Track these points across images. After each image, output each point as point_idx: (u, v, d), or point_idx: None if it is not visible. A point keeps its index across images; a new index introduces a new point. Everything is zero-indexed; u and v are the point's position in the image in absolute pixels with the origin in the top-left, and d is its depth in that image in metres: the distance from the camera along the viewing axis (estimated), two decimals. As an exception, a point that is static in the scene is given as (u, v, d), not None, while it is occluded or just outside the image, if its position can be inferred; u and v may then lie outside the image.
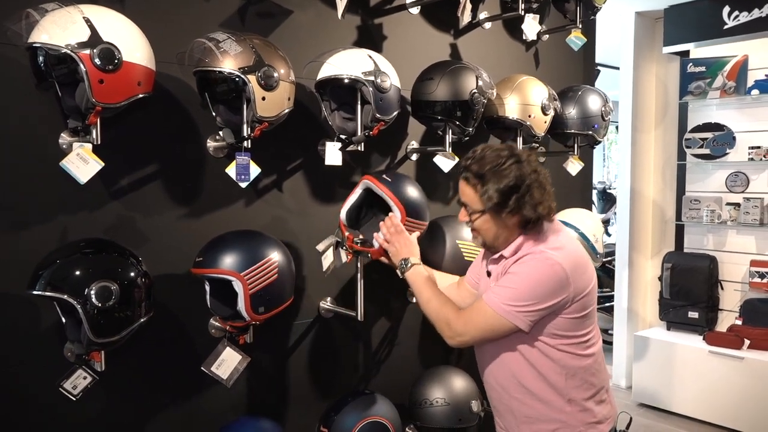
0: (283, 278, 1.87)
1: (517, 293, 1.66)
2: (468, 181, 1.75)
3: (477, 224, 1.77)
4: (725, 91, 4.42)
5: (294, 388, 2.26)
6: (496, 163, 1.70)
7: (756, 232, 4.42)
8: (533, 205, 1.69)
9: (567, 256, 1.69)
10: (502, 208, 1.70)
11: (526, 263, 1.69)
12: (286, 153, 2.21)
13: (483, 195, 1.70)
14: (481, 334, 1.73)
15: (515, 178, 1.68)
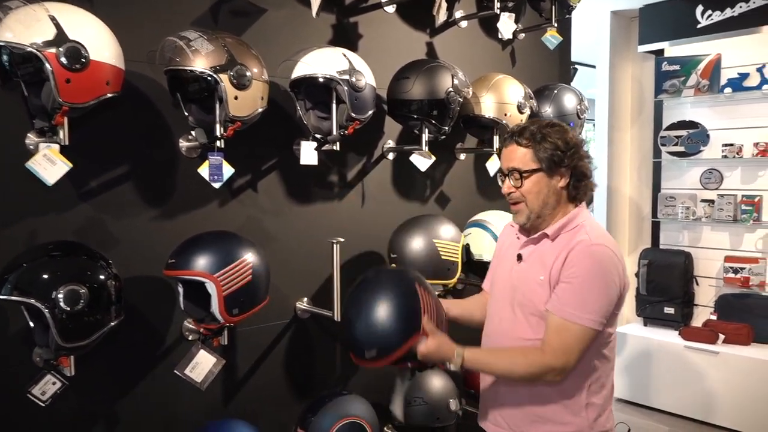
0: (258, 279, 1.85)
1: (593, 298, 1.62)
2: (519, 143, 1.72)
3: (528, 187, 1.71)
4: (699, 90, 4.47)
5: (270, 390, 2.24)
6: (545, 124, 1.73)
7: (730, 228, 4.48)
8: (586, 158, 1.73)
9: (611, 241, 1.70)
10: (560, 162, 1.69)
11: (581, 261, 1.63)
12: (260, 153, 2.19)
13: (539, 151, 1.68)
14: (579, 354, 1.63)
15: (565, 136, 1.71)
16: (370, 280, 1.83)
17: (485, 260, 2.52)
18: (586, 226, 1.71)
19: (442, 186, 2.80)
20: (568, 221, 1.72)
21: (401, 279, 1.82)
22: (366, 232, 2.50)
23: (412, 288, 1.76)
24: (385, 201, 2.57)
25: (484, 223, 2.59)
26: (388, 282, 1.80)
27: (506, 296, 1.79)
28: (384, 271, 1.93)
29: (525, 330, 1.72)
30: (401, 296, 1.74)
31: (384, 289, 1.77)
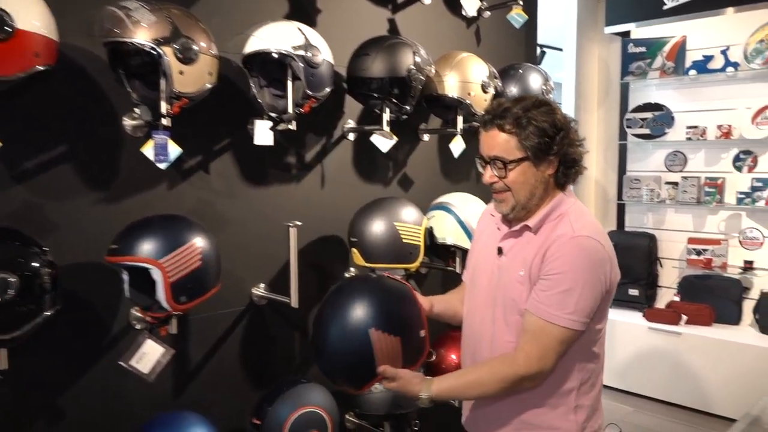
0: (207, 265, 1.76)
1: (576, 296, 1.49)
2: (502, 127, 1.54)
3: (513, 177, 1.56)
4: (664, 72, 4.47)
5: (226, 380, 2.16)
6: (530, 105, 1.55)
7: (693, 210, 4.51)
8: (577, 144, 1.59)
9: (597, 230, 1.57)
10: (548, 150, 1.54)
11: (562, 256, 1.51)
12: (213, 132, 2.09)
13: (525, 137, 1.52)
14: (557, 356, 1.53)
15: (553, 117, 1.55)
16: (323, 322, 1.70)
17: (449, 244, 2.47)
18: (570, 214, 1.59)
19: (405, 168, 2.72)
20: (551, 210, 1.60)
21: (354, 327, 1.64)
22: (326, 216, 2.42)
23: (364, 339, 1.62)
24: (346, 183, 2.49)
25: (448, 205, 2.52)
26: (339, 332, 1.66)
27: (487, 294, 1.69)
28: (339, 315, 1.68)
29: (505, 332, 1.63)
30: (352, 354, 1.63)
31: (335, 340, 1.66)
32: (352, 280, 1.78)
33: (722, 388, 4.04)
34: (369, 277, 1.82)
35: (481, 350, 1.69)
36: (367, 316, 1.64)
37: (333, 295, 1.74)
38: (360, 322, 1.63)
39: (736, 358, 3.97)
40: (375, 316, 1.64)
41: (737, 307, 4.26)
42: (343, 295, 1.71)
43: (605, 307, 1.60)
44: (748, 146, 4.23)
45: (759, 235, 4.23)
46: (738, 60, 4.18)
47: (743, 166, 4.25)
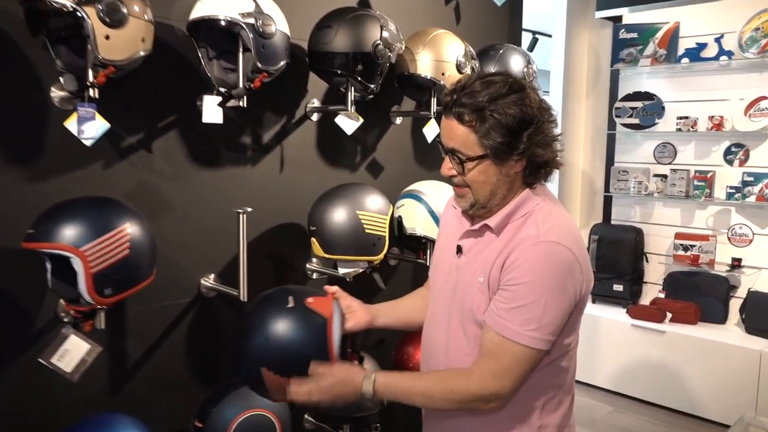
0: (138, 254, 1.58)
1: (540, 311, 1.30)
2: (461, 118, 1.33)
3: (472, 176, 1.37)
4: (656, 59, 4.30)
5: (169, 379, 1.99)
6: (497, 93, 1.31)
7: (681, 204, 4.36)
8: (546, 144, 1.36)
9: (567, 232, 1.37)
10: (511, 150, 1.33)
11: (525, 264, 1.31)
12: (157, 107, 1.90)
13: (485, 134, 1.31)
14: (519, 379, 1.35)
15: (523, 109, 1.32)
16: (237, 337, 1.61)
17: (419, 234, 2.30)
18: (537, 213, 1.38)
19: (375, 153, 2.55)
20: (515, 208, 1.40)
21: (247, 360, 1.53)
22: (284, 202, 2.24)
23: (256, 373, 1.50)
24: (308, 167, 2.31)
25: (419, 194, 2.35)
26: (238, 357, 1.57)
27: (444, 297, 1.50)
28: (241, 340, 1.56)
29: (462, 342, 1.44)
30: (247, 383, 1.58)
31: (236, 361, 1.58)
32: (266, 304, 1.58)
33: (706, 389, 3.91)
34: (281, 307, 1.56)
35: (436, 360, 1.51)
36: (261, 353, 1.51)
37: (249, 314, 1.60)
38: (253, 358, 1.52)
39: (721, 359, 3.84)
40: (268, 356, 1.50)
41: (723, 306, 4.13)
42: (252, 319, 1.57)
43: (576, 319, 1.41)
44: (739, 139, 4.07)
45: (749, 231, 4.09)
46: (732, 49, 4.02)
47: (734, 160, 4.10)
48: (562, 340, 1.39)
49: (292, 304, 1.55)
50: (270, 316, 1.54)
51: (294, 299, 1.56)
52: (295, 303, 1.55)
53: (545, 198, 1.43)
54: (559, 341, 1.38)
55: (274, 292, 1.65)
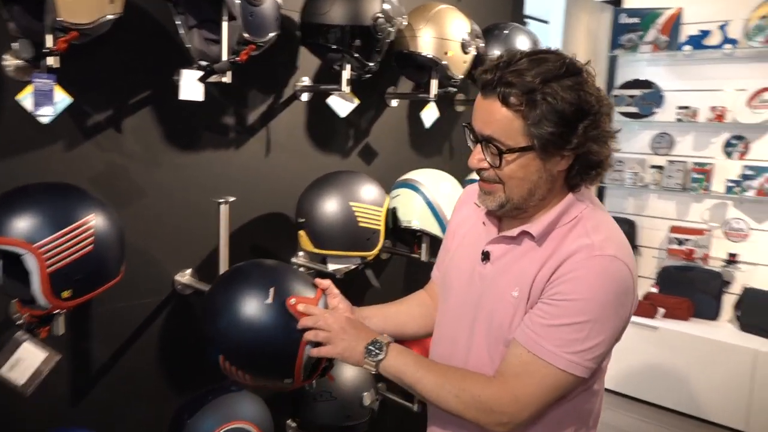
0: (104, 249, 1.37)
1: (586, 333, 1.12)
2: (506, 100, 1.12)
3: (510, 171, 1.16)
4: (657, 46, 4.14)
5: (139, 386, 1.79)
6: (551, 74, 1.11)
7: (677, 197, 4.23)
8: (602, 140, 1.16)
9: (623, 245, 1.19)
10: (564, 143, 1.13)
11: (581, 279, 1.12)
12: (128, 81, 1.68)
13: (534, 122, 1.11)
14: (543, 406, 1.17)
15: (581, 95, 1.12)
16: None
17: (414, 228, 2.12)
18: (585, 221, 1.19)
19: (368, 137, 2.35)
20: (561, 213, 1.20)
21: (209, 340, 1.38)
22: (269, 190, 2.04)
23: (215, 358, 1.36)
24: (296, 152, 2.11)
25: (416, 184, 2.16)
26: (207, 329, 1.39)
27: (464, 310, 1.31)
28: (208, 311, 1.40)
29: (484, 363, 1.25)
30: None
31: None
32: (243, 289, 1.35)
33: (699, 388, 3.81)
34: (257, 300, 1.34)
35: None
36: (221, 340, 1.34)
37: (221, 291, 1.40)
38: (213, 341, 1.36)
39: (714, 357, 3.74)
40: (227, 345, 1.34)
41: (716, 302, 4.03)
42: (222, 300, 1.37)
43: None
44: (740, 131, 3.94)
45: (745, 226, 3.98)
46: (737, 37, 3.87)
47: (734, 152, 3.98)
48: (602, 361, 1.22)
49: (272, 299, 1.34)
50: (242, 305, 1.33)
51: (275, 292, 1.35)
52: (275, 298, 1.34)
53: (591, 202, 1.24)
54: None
55: (254, 272, 1.41)
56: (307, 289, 1.38)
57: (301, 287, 1.37)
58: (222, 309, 1.34)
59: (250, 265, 1.45)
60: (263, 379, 1.38)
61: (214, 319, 1.35)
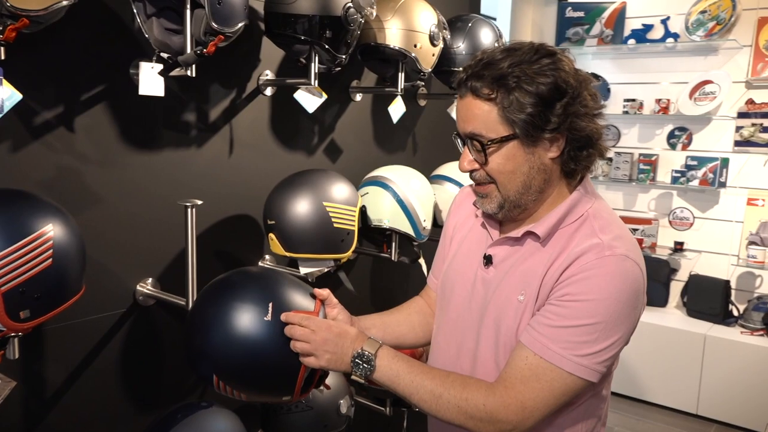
0: (65, 263, 1.23)
1: (597, 335, 1.07)
2: (478, 92, 1.10)
3: (497, 164, 1.13)
4: (602, 40, 4.21)
5: (99, 406, 1.64)
6: (522, 59, 1.09)
7: (625, 187, 4.33)
8: (589, 116, 1.11)
9: (633, 244, 1.14)
10: (544, 123, 1.08)
11: (592, 278, 1.08)
12: (82, 75, 1.52)
13: (510, 107, 1.08)
14: (549, 412, 1.12)
15: (556, 74, 1.08)
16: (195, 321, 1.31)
17: (385, 227, 2.04)
18: (593, 219, 1.14)
19: (333, 133, 2.25)
20: (566, 212, 1.15)
21: (196, 357, 1.27)
22: (235, 191, 1.92)
23: (207, 376, 1.26)
24: (261, 150, 1.99)
25: (385, 181, 2.09)
26: (189, 349, 1.30)
27: (467, 318, 1.25)
28: (194, 327, 1.29)
29: (493, 372, 1.19)
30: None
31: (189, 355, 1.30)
32: (239, 303, 1.24)
33: (650, 373, 3.91)
34: (256, 316, 1.23)
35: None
36: (212, 355, 1.23)
37: (214, 304, 1.28)
38: (203, 357, 1.25)
39: (664, 343, 3.85)
40: (220, 362, 1.23)
41: (665, 289, 4.15)
42: (216, 314, 1.25)
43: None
44: (683, 123, 4.07)
45: (689, 215, 4.11)
46: (678, 31, 3.98)
47: (677, 144, 4.09)
48: (611, 365, 1.18)
49: (271, 316, 1.24)
50: (239, 323, 1.22)
51: (273, 307, 1.25)
52: (273, 313, 1.24)
53: (596, 200, 1.20)
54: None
55: (248, 284, 1.30)
56: (306, 299, 1.29)
57: (300, 298, 1.27)
58: (215, 326, 1.23)
59: (241, 277, 1.33)
60: (260, 398, 1.28)
61: (206, 337, 1.23)
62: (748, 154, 3.88)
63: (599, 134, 1.15)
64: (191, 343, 1.27)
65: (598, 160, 1.21)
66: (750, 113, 3.81)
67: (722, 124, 3.95)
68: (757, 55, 3.76)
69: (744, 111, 3.84)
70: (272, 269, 1.41)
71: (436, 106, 2.65)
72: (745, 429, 3.64)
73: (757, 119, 3.79)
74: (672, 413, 3.87)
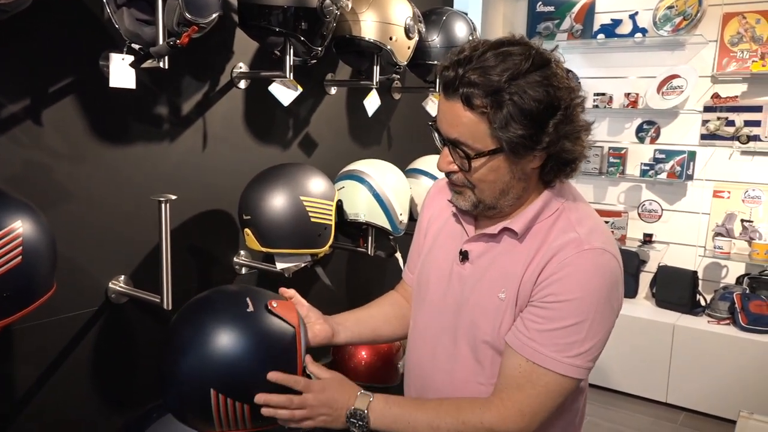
0: (35, 260, 1.19)
1: (584, 334, 1.08)
2: (470, 102, 1.06)
3: (480, 175, 1.11)
4: (572, 34, 4.25)
5: (71, 407, 1.60)
6: (517, 70, 1.03)
7: (595, 181, 4.39)
8: (576, 136, 1.10)
9: (609, 237, 1.15)
10: (534, 144, 1.06)
11: (571, 276, 1.08)
12: (49, 66, 1.47)
13: (501, 124, 1.04)
14: (548, 415, 1.12)
15: (550, 91, 1.04)
16: (169, 349, 1.26)
17: (361, 221, 2.03)
18: (568, 212, 1.15)
19: (308, 127, 2.23)
20: (542, 208, 1.15)
21: (191, 381, 1.22)
22: (208, 185, 1.88)
23: (203, 396, 1.19)
24: (235, 144, 1.96)
25: (361, 174, 2.08)
26: (175, 377, 1.25)
27: (444, 314, 1.24)
28: (178, 353, 1.24)
29: (473, 371, 1.19)
30: (189, 410, 1.25)
31: (171, 384, 1.26)
32: (216, 308, 1.24)
33: (619, 363, 3.98)
34: (238, 311, 1.23)
35: (434, 394, 1.25)
36: (208, 371, 1.18)
37: (188, 322, 1.25)
38: (200, 376, 1.19)
39: (634, 333, 3.91)
40: (217, 375, 1.18)
41: (634, 281, 4.22)
42: (195, 328, 1.22)
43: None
44: (651, 116, 4.13)
45: (658, 207, 4.18)
46: (646, 26, 4.04)
47: (646, 137, 4.16)
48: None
49: (252, 307, 1.23)
50: (224, 322, 1.21)
51: (252, 301, 1.24)
52: (254, 306, 1.23)
53: (571, 193, 1.21)
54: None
55: (219, 295, 1.31)
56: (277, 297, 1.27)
57: (269, 295, 1.26)
58: (201, 337, 1.20)
59: (210, 292, 1.32)
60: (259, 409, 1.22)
61: (194, 352, 1.19)
62: (714, 147, 3.96)
63: (584, 156, 1.15)
64: (171, 370, 1.23)
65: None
66: (715, 107, 3.89)
67: (689, 118, 4.03)
68: (723, 50, 3.84)
69: (710, 105, 3.92)
70: (241, 285, 1.39)
71: (411, 100, 2.65)
72: (712, 416, 3.73)
73: (722, 113, 3.87)
74: (642, 402, 3.95)
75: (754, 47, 3.72)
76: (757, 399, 3.48)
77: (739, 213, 3.89)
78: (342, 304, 1.47)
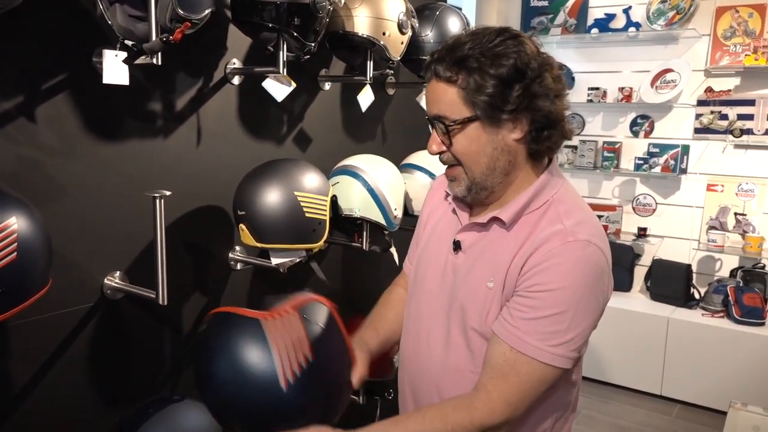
0: (30, 256, 1.20)
1: (567, 323, 1.09)
2: (441, 75, 1.13)
3: (461, 146, 1.15)
4: (566, 29, 4.26)
5: (67, 403, 1.60)
6: (483, 41, 1.11)
7: (589, 175, 4.41)
8: (550, 97, 1.13)
9: (597, 229, 1.16)
10: (503, 104, 1.09)
11: (556, 267, 1.09)
12: (42, 63, 1.47)
13: (471, 89, 1.10)
14: (532, 402, 1.15)
15: (518, 57, 1.09)
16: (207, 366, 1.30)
17: (356, 216, 2.04)
18: (557, 204, 1.16)
19: (302, 123, 2.23)
20: (532, 197, 1.17)
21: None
22: (203, 181, 1.89)
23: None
24: (229, 140, 1.96)
25: (355, 169, 2.09)
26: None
27: (438, 303, 1.26)
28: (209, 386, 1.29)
29: (465, 359, 1.20)
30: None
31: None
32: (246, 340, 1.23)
33: (615, 356, 4.00)
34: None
35: (429, 384, 1.27)
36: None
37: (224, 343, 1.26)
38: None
39: (629, 327, 3.94)
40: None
41: (629, 274, 4.24)
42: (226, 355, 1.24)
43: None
44: (645, 110, 4.15)
45: (652, 201, 4.20)
46: (640, 20, 4.05)
47: (640, 131, 4.18)
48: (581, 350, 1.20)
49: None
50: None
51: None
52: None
53: (563, 185, 1.21)
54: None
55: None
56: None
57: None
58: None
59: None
60: None
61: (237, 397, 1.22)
62: (707, 141, 3.98)
63: (561, 115, 1.16)
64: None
65: (563, 146, 1.23)
66: (709, 101, 3.91)
67: (682, 112, 4.04)
68: (716, 44, 3.85)
69: (703, 99, 3.93)
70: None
71: (405, 95, 2.65)
72: (706, 408, 3.75)
73: (715, 107, 3.89)
74: (637, 395, 3.97)
75: (746, 41, 3.74)
76: (751, 390, 3.51)
77: (733, 206, 3.91)
78: (337, 299, 1.47)
